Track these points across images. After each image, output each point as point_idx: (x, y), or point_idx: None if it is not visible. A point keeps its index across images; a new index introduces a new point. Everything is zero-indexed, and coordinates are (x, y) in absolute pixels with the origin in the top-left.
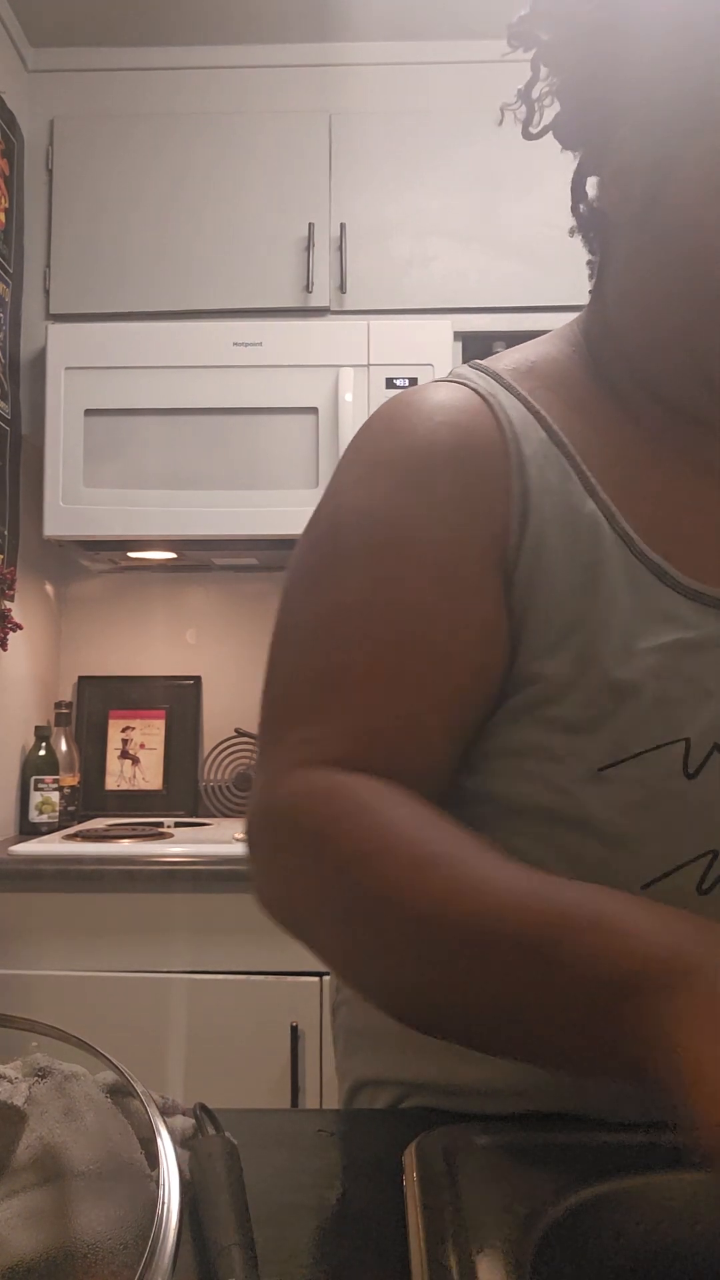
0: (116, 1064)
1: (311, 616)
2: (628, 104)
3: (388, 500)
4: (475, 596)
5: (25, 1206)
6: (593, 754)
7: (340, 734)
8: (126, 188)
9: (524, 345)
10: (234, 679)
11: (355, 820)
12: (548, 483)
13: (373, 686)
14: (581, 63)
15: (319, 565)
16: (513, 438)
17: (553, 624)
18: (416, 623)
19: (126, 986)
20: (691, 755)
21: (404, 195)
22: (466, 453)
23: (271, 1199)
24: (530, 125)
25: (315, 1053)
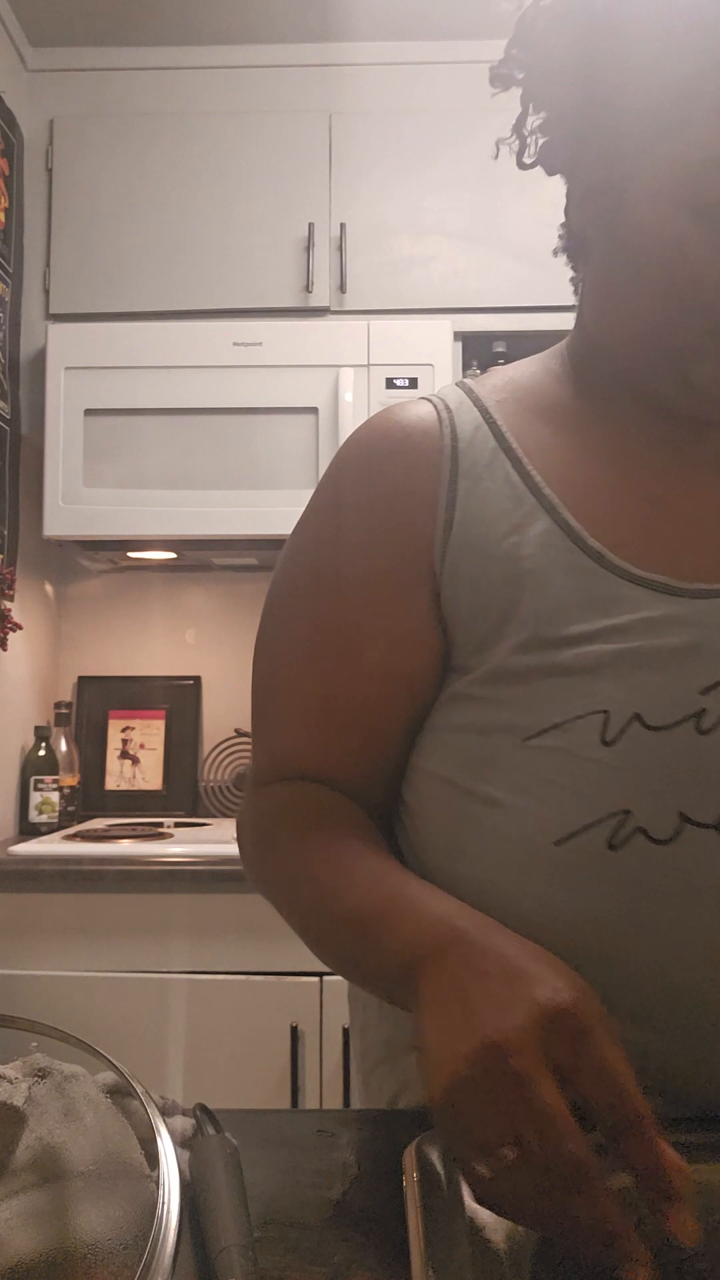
0: (116, 1064)
1: (262, 645)
2: (590, 129)
3: (315, 537)
4: (393, 612)
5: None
6: (518, 727)
7: (272, 756)
8: (126, 187)
9: (516, 364)
10: (233, 679)
11: (271, 837)
12: (482, 490)
13: (296, 711)
14: (553, 97)
15: (270, 596)
16: (450, 454)
17: (483, 620)
18: (334, 645)
19: (126, 987)
20: (610, 725)
21: (404, 195)
22: (391, 485)
23: (271, 1199)
24: (524, 157)
25: (315, 1053)
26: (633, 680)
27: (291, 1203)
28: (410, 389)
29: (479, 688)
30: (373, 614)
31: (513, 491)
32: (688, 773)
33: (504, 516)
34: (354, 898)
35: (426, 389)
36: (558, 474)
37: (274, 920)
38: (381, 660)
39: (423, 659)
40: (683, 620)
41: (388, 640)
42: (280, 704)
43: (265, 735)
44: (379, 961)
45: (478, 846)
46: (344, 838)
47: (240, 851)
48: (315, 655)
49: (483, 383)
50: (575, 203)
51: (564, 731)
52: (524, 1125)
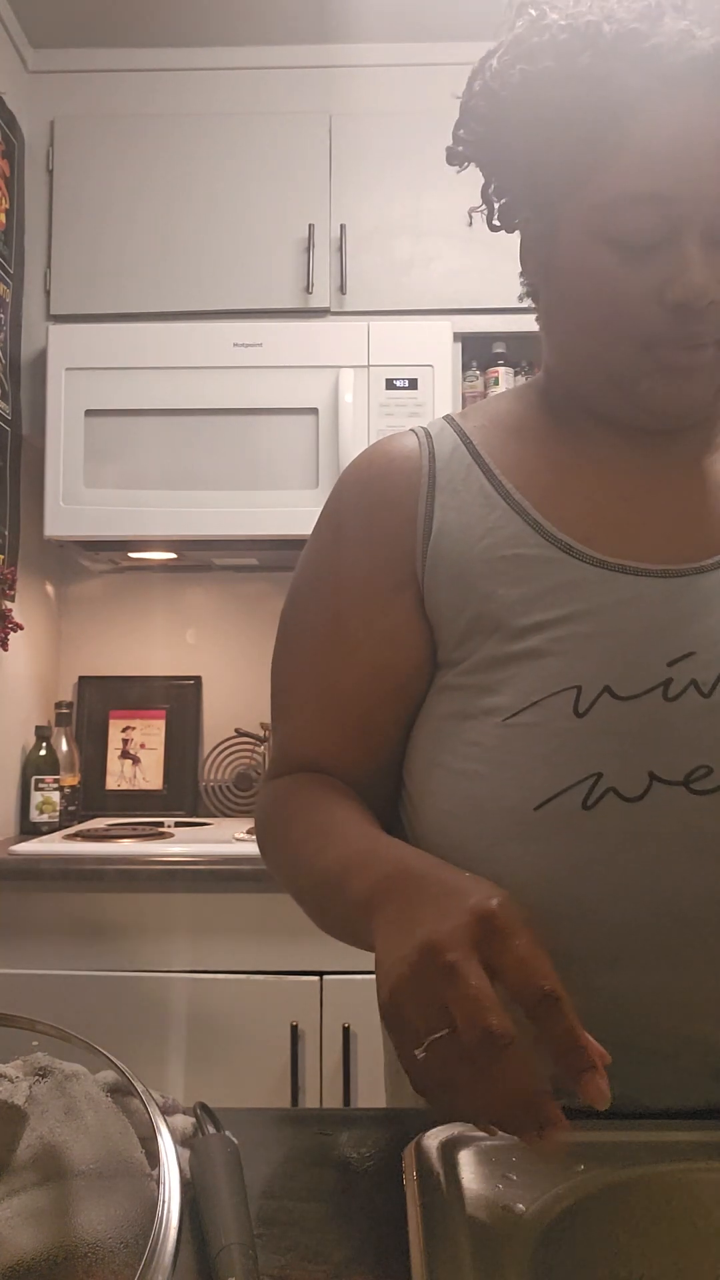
0: (117, 1063)
1: (276, 650)
2: (523, 191)
3: (315, 552)
4: (379, 613)
5: (26, 1205)
6: (499, 709)
7: (281, 750)
8: (127, 188)
9: (502, 394)
10: (234, 679)
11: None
12: (458, 501)
13: (298, 706)
14: (496, 167)
15: (284, 607)
16: (429, 473)
17: (464, 616)
18: (330, 645)
19: (127, 986)
20: (582, 698)
21: (404, 196)
22: (377, 500)
23: (271, 1198)
24: (493, 220)
25: (315, 1052)
26: (603, 657)
27: (291, 1201)
28: (410, 389)
29: (464, 678)
30: (361, 616)
31: (486, 500)
32: (656, 736)
33: (479, 522)
34: (330, 856)
35: (426, 390)
36: (528, 482)
37: (274, 920)
38: (370, 657)
39: (408, 655)
40: (649, 599)
41: (375, 639)
42: (285, 701)
43: (275, 730)
44: (346, 908)
45: (467, 820)
46: (328, 809)
47: (256, 840)
48: (313, 655)
49: (465, 415)
50: (523, 254)
51: (539, 708)
52: (455, 1008)
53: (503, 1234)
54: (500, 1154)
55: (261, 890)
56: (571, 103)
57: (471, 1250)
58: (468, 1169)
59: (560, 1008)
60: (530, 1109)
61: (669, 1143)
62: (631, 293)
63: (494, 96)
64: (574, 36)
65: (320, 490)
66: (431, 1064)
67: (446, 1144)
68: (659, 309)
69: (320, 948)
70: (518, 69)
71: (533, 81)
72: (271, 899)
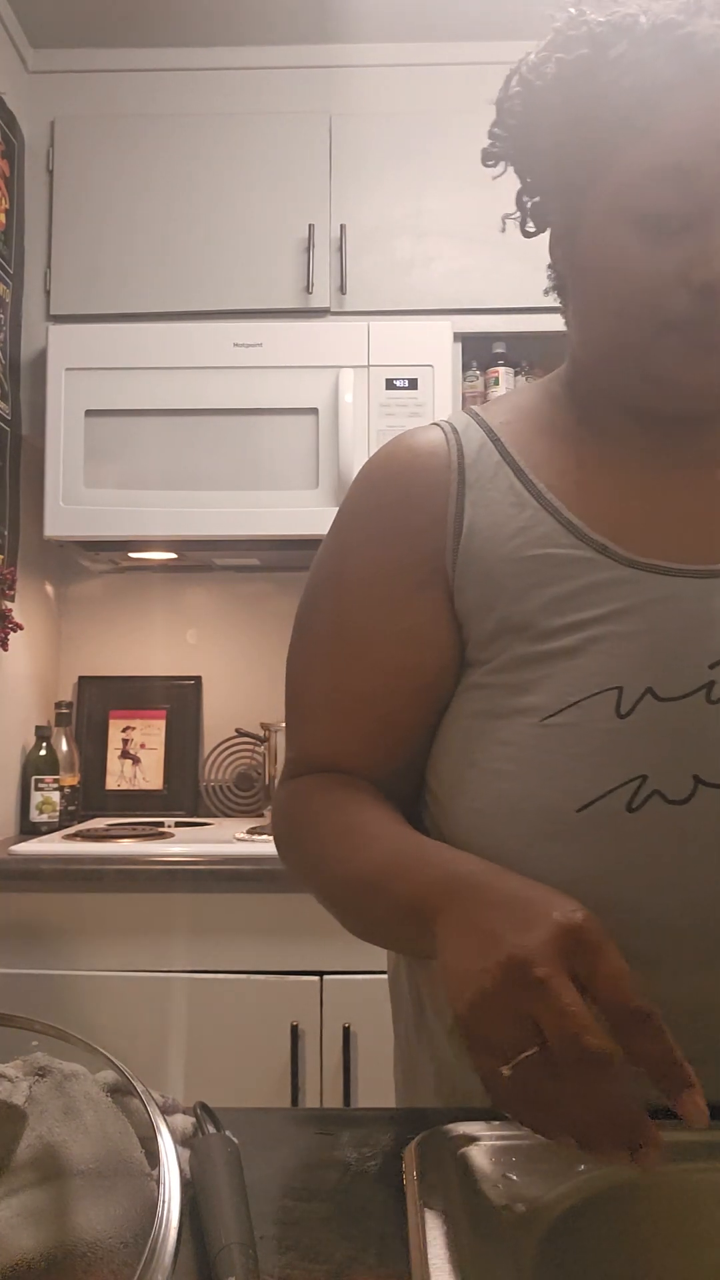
0: (117, 1063)
1: (291, 650)
2: (551, 188)
3: (333, 550)
4: (399, 612)
5: (26, 1205)
6: (535, 709)
7: (298, 750)
8: (127, 189)
9: (522, 389)
10: (234, 679)
11: (297, 819)
12: (488, 499)
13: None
14: (526, 161)
15: (299, 606)
16: (458, 469)
17: (494, 615)
18: (347, 645)
19: (127, 986)
20: (624, 699)
21: (404, 196)
22: (401, 497)
23: (271, 1198)
24: (526, 226)
25: (315, 1052)
26: (643, 658)
27: (291, 1201)
28: (410, 390)
29: (495, 676)
30: (383, 616)
31: (516, 498)
32: (699, 738)
33: (509, 520)
34: (367, 857)
35: (426, 390)
36: (558, 481)
37: (274, 920)
38: (389, 657)
39: (433, 655)
40: (684, 599)
41: (398, 639)
42: (303, 702)
43: (292, 730)
44: (393, 912)
45: (502, 820)
46: (357, 810)
47: (275, 842)
48: (331, 655)
49: (488, 408)
50: (552, 248)
51: (580, 709)
52: (548, 1025)
53: (503, 1234)
54: (501, 1154)
55: (262, 890)
56: (604, 87)
57: (472, 1250)
58: (468, 1169)
59: (656, 1025)
60: (627, 1128)
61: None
62: (656, 274)
63: (529, 88)
64: (611, 29)
65: (320, 490)
66: (517, 1081)
67: (447, 1144)
68: (684, 290)
69: (320, 948)
70: (553, 59)
71: (567, 70)
72: (271, 899)
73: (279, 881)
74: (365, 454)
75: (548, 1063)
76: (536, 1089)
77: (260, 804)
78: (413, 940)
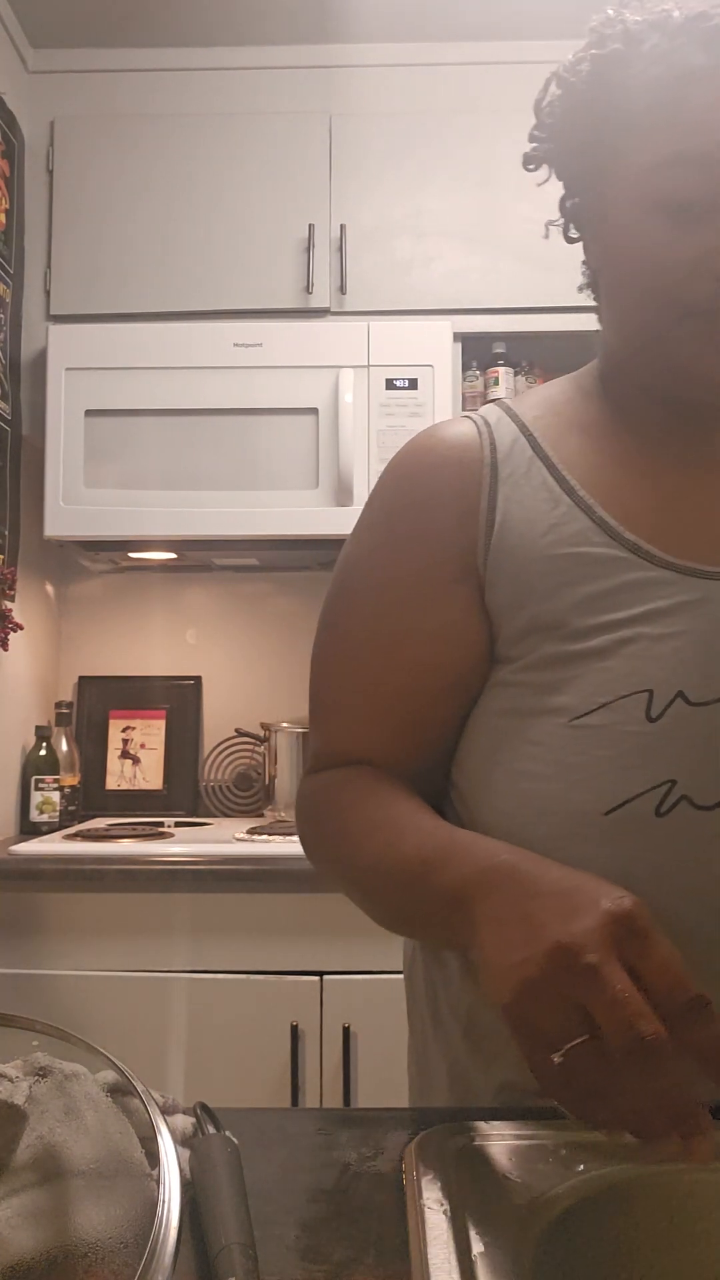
0: (117, 1063)
1: (317, 645)
2: (582, 182)
3: (363, 544)
4: (431, 609)
5: (26, 1205)
6: (564, 709)
7: (324, 742)
8: (127, 189)
9: (556, 382)
10: (234, 679)
11: (326, 811)
12: (521, 494)
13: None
14: (564, 165)
15: (326, 600)
16: (490, 464)
17: (525, 612)
18: (378, 640)
19: (127, 986)
20: (655, 702)
21: (404, 196)
22: (433, 492)
23: (271, 1198)
24: (569, 232)
25: (315, 1052)
26: (675, 661)
27: (291, 1201)
28: (410, 390)
29: (524, 675)
30: (413, 612)
31: (549, 495)
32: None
33: (542, 518)
34: (403, 849)
35: (426, 390)
36: (591, 478)
37: (274, 920)
38: (420, 653)
39: (462, 651)
40: (718, 602)
41: (426, 634)
42: (331, 697)
43: (318, 725)
44: (431, 903)
45: (528, 820)
46: (391, 802)
47: (299, 835)
48: (361, 650)
49: (520, 401)
50: (586, 244)
51: (610, 710)
52: (601, 1012)
53: (503, 1234)
54: (501, 1154)
55: (261, 890)
56: (634, 78)
57: (471, 1250)
58: (468, 1169)
59: (710, 1013)
60: (679, 1116)
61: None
62: (680, 259)
63: (566, 87)
64: (646, 25)
65: (320, 490)
66: (568, 1069)
67: (446, 1144)
68: (708, 277)
69: (320, 948)
70: (588, 56)
71: (600, 65)
72: (271, 899)
73: (279, 881)
74: (365, 454)
75: (599, 1051)
76: (587, 1077)
77: (260, 804)
78: (450, 932)
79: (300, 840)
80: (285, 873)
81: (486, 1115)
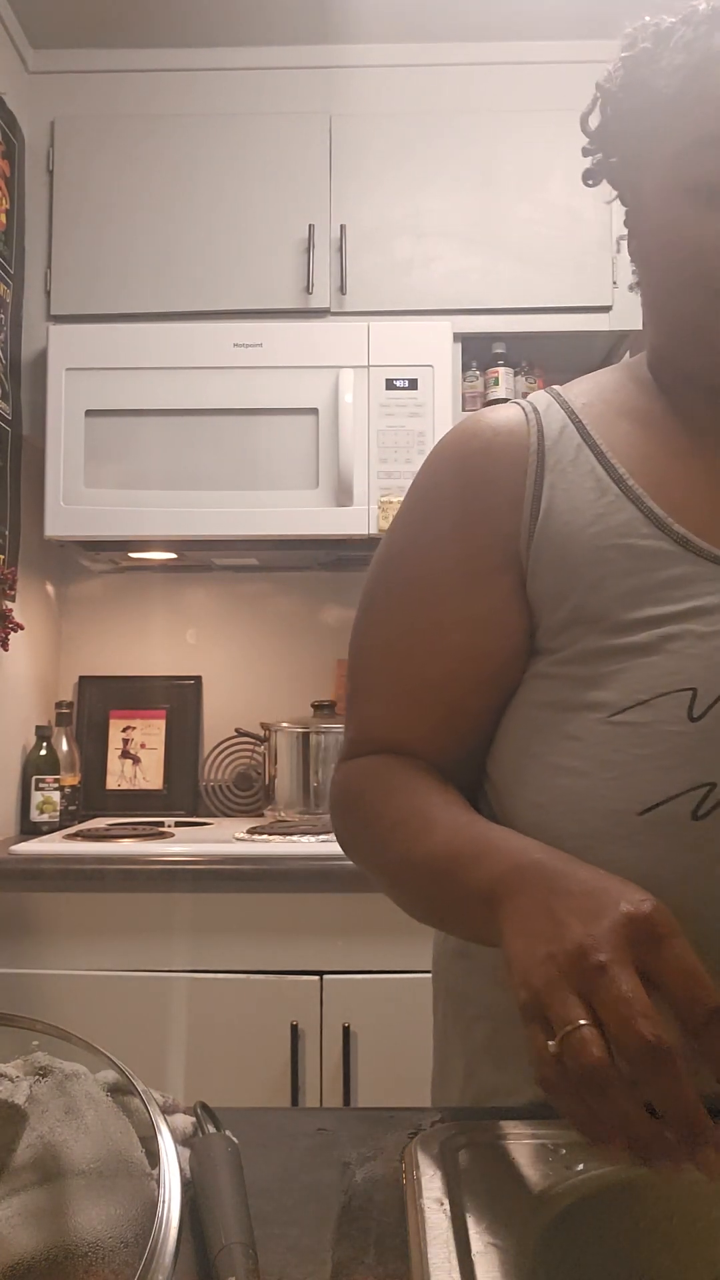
0: (117, 1063)
1: (355, 632)
2: (623, 176)
3: (405, 531)
4: (475, 597)
5: (26, 1205)
6: (603, 704)
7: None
8: (127, 189)
9: (605, 370)
10: (234, 679)
11: (358, 799)
12: (567, 482)
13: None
14: (611, 173)
15: (365, 587)
16: (537, 451)
17: (568, 603)
18: (419, 628)
19: (127, 985)
20: (697, 702)
21: (404, 197)
22: (480, 478)
23: (272, 1197)
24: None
25: (315, 1051)
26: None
27: (291, 1200)
28: (410, 390)
29: (563, 667)
30: (456, 599)
31: (597, 484)
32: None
33: (589, 506)
34: (435, 842)
35: (426, 390)
36: (640, 467)
37: (274, 919)
38: (463, 642)
39: (504, 641)
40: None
41: (469, 623)
42: (368, 683)
43: (354, 711)
44: (461, 897)
45: (562, 816)
46: (424, 793)
47: (332, 821)
48: (401, 637)
49: (570, 388)
50: (629, 236)
51: (650, 708)
52: (605, 1011)
53: (502, 1233)
54: (501, 1153)
55: (261, 890)
56: (662, 68)
57: (471, 1250)
58: (467, 1169)
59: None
60: (685, 1125)
61: None
62: (708, 241)
63: (604, 93)
64: (678, 23)
65: (320, 490)
66: (565, 1068)
67: (446, 1143)
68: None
69: (320, 948)
70: (621, 59)
71: (631, 64)
72: (271, 899)
73: (279, 881)
74: (365, 454)
75: (601, 1049)
76: (586, 1078)
77: (260, 804)
78: (480, 926)
79: (333, 827)
80: (285, 873)
81: (487, 1114)
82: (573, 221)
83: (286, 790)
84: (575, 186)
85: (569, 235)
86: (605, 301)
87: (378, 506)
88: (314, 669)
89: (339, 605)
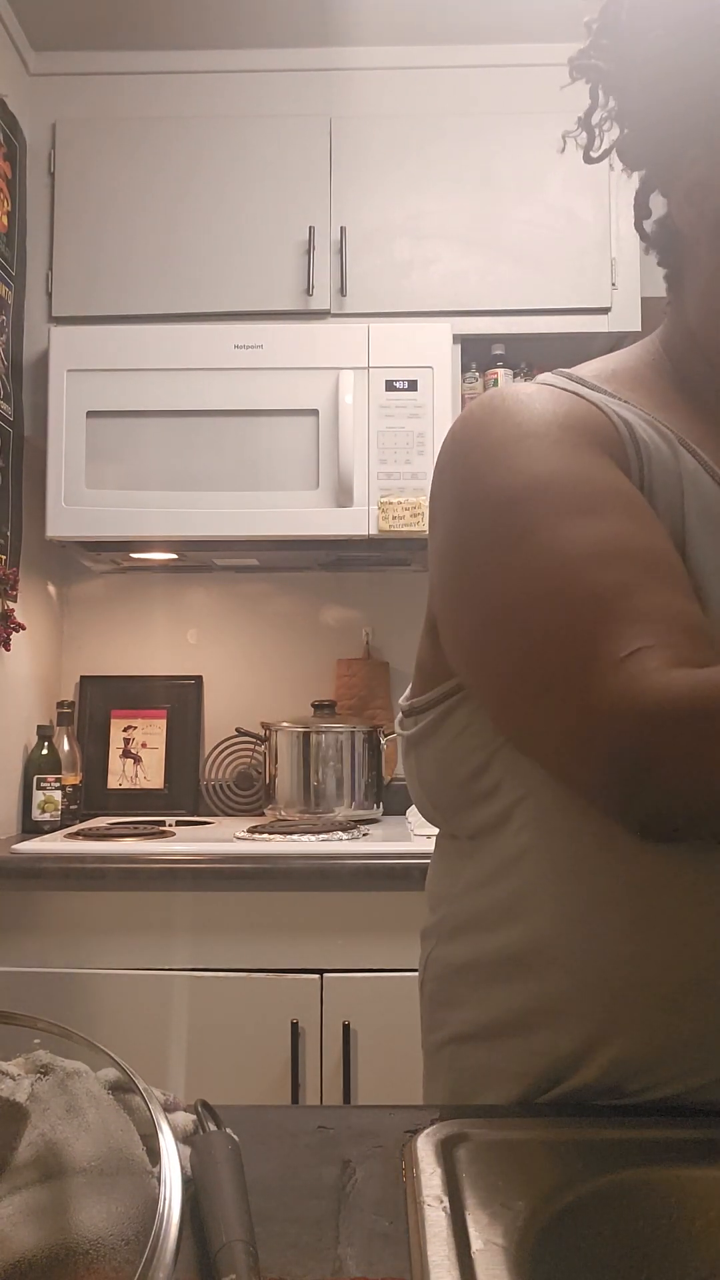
0: (118, 1060)
1: (560, 555)
2: (697, 123)
3: (564, 458)
4: (643, 504)
5: (27, 1203)
6: None
7: (663, 634)
8: (128, 191)
9: (600, 358)
10: (235, 679)
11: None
12: (654, 443)
13: (656, 594)
14: (646, 88)
15: (526, 525)
16: (615, 414)
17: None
18: (619, 507)
19: (128, 984)
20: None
21: (404, 198)
22: (593, 422)
23: (272, 1194)
24: (591, 150)
25: (315, 1049)
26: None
27: (292, 1198)
28: (410, 391)
29: None
30: (635, 500)
31: (674, 451)
32: None
33: (674, 474)
34: None
35: (426, 391)
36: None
37: (275, 918)
38: (662, 533)
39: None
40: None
41: (655, 522)
42: (615, 581)
43: (614, 612)
44: None
45: None
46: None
47: (680, 742)
48: (610, 537)
49: (579, 371)
50: (677, 200)
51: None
52: None
53: (502, 1232)
54: (500, 1151)
55: (262, 888)
56: None
57: (471, 1248)
58: (467, 1166)
59: None
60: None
61: (669, 1142)
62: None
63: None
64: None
65: (320, 491)
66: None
67: (446, 1141)
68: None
69: (320, 946)
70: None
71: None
72: (272, 897)
73: (279, 880)
74: (365, 455)
75: None
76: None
77: (260, 803)
78: None
79: (685, 753)
80: (286, 871)
81: (487, 1113)
82: (572, 223)
83: (287, 790)
84: (574, 188)
85: (568, 237)
86: (604, 303)
87: (378, 507)
88: (314, 669)
89: (339, 605)
